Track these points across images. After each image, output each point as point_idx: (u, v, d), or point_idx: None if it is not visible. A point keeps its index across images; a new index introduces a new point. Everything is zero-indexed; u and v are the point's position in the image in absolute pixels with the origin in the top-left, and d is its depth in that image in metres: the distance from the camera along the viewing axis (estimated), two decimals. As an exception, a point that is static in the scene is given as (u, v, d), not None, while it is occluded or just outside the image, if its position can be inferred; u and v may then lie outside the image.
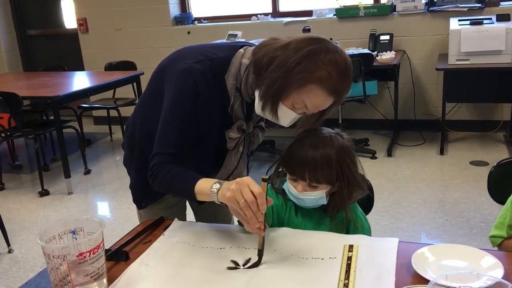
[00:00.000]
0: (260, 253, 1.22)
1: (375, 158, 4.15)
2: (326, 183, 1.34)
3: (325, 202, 1.37)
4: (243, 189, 1.16)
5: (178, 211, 1.62)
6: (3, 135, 4.03)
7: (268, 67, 1.28)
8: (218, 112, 1.41)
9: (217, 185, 1.24)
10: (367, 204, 1.64)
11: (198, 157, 1.44)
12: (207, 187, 1.25)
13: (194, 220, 1.72)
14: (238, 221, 1.31)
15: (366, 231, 1.43)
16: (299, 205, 1.41)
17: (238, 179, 1.19)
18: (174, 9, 5.34)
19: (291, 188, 1.37)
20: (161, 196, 1.60)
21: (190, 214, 1.78)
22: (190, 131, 1.38)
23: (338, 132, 1.40)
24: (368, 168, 3.94)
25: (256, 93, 1.34)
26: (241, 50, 1.39)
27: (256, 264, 1.21)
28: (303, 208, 1.42)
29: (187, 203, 1.72)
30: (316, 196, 1.35)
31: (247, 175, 1.43)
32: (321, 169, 1.32)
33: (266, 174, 1.36)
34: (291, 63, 1.24)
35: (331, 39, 1.33)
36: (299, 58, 1.24)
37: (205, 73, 1.35)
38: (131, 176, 1.63)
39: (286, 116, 1.33)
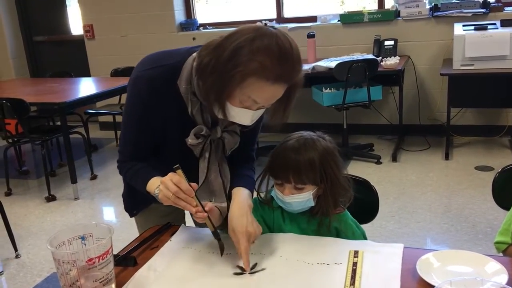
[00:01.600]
0: (215, 235, 1.29)
1: (380, 163, 4.15)
2: (311, 183, 1.36)
3: (312, 204, 1.38)
4: (166, 184, 1.25)
5: (175, 218, 1.59)
6: (10, 141, 4.06)
7: (206, 69, 1.24)
8: (174, 118, 1.39)
9: (158, 191, 1.32)
10: (372, 209, 1.65)
11: (165, 162, 1.42)
12: (152, 190, 1.36)
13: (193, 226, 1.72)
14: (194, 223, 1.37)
15: (359, 237, 1.43)
16: (287, 210, 1.42)
17: (162, 179, 1.28)
18: (179, 15, 5.38)
19: (278, 193, 1.38)
20: (149, 204, 1.58)
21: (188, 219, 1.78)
22: (144, 137, 1.43)
23: (320, 135, 1.41)
24: (373, 173, 3.95)
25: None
26: (194, 54, 1.34)
27: (222, 248, 1.29)
28: (290, 215, 1.43)
29: (186, 212, 1.72)
30: (303, 199, 1.36)
31: (225, 183, 1.46)
32: (305, 171, 1.33)
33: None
34: (223, 62, 1.19)
35: (273, 27, 1.24)
36: (228, 56, 1.18)
37: (153, 80, 1.34)
38: (124, 185, 1.65)
39: (242, 115, 1.28)
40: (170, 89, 1.35)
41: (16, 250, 3.05)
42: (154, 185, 1.35)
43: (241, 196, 1.39)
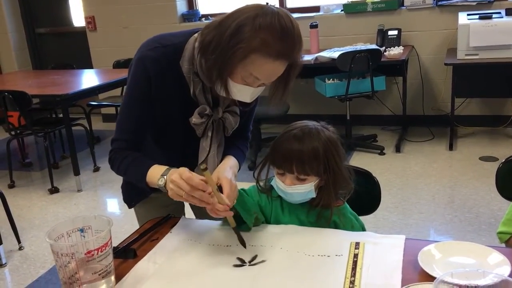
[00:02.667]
0: (236, 231, 1.27)
1: (384, 154, 4.14)
2: (314, 175, 1.33)
3: (314, 195, 1.36)
4: (178, 183, 1.22)
5: (175, 209, 1.59)
6: (13, 133, 4.06)
7: (209, 47, 1.25)
8: (177, 99, 1.40)
9: (162, 180, 1.29)
10: (374, 201, 1.63)
11: (166, 146, 1.47)
12: (154, 181, 1.31)
13: (194, 217, 1.72)
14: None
15: (358, 230, 1.40)
16: (287, 200, 1.40)
17: (171, 177, 1.25)
18: (181, 6, 5.35)
19: (279, 183, 1.35)
20: (147, 194, 1.57)
21: (188, 210, 1.78)
22: (146, 118, 1.41)
23: (323, 125, 1.39)
24: (377, 164, 3.93)
25: None
26: (196, 34, 1.36)
27: (243, 243, 1.26)
28: (289, 206, 1.42)
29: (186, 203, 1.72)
30: (305, 190, 1.34)
31: (220, 162, 1.47)
32: (309, 161, 1.31)
33: (254, 173, 1.43)
34: (225, 40, 1.21)
35: (274, 5, 1.27)
36: (231, 32, 1.21)
37: (158, 60, 1.35)
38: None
39: (243, 92, 1.31)
40: (173, 69, 1.36)
41: (19, 242, 3.06)
42: (157, 173, 1.31)
43: (229, 162, 1.45)
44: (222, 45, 1.22)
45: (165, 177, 1.29)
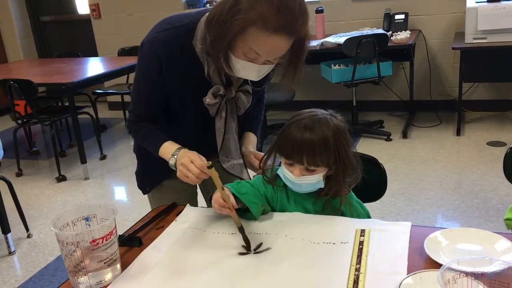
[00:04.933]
0: (241, 230, 1.26)
1: (390, 140, 4.11)
2: (324, 166, 1.30)
3: (322, 185, 1.33)
4: (188, 167, 1.30)
5: (188, 196, 1.63)
6: (19, 121, 4.08)
7: (212, 22, 1.26)
8: (191, 79, 1.41)
9: (173, 160, 1.37)
10: (380, 187, 1.62)
11: (182, 126, 1.50)
12: (166, 158, 1.40)
13: (205, 205, 1.73)
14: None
15: (363, 218, 1.39)
16: (295, 190, 1.37)
17: (181, 160, 1.32)
18: (186, -8, 5.30)
19: (287, 173, 1.32)
20: (162, 180, 1.62)
21: (201, 198, 1.79)
22: (158, 98, 1.44)
23: (332, 113, 1.35)
24: (383, 150, 3.92)
25: None
26: (207, 14, 1.36)
27: (248, 245, 1.24)
28: (295, 196, 1.40)
29: (198, 189, 1.73)
30: (313, 180, 1.31)
31: (239, 143, 1.55)
32: (319, 152, 1.27)
33: (260, 163, 1.44)
34: (224, 12, 1.22)
35: None
36: (230, 5, 1.21)
37: (168, 42, 1.36)
38: (137, 162, 1.68)
39: (247, 69, 1.30)
40: (185, 50, 1.36)
41: (27, 230, 3.09)
42: (168, 152, 1.40)
43: (249, 140, 1.61)
44: (221, 18, 1.22)
45: (175, 156, 1.37)
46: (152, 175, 1.63)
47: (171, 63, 1.37)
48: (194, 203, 1.68)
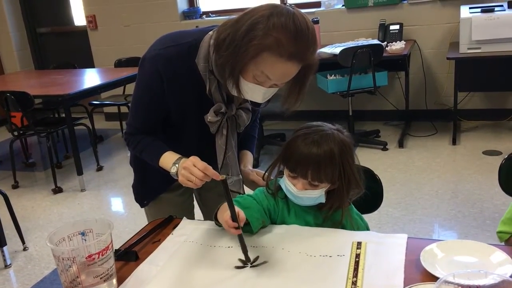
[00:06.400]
0: (241, 239, 1.24)
1: (386, 149, 4.12)
2: (328, 182, 1.30)
3: (323, 200, 1.33)
4: (191, 170, 1.30)
5: (185, 209, 1.63)
6: (16, 133, 4.07)
7: (224, 44, 1.27)
8: (192, 96, 1.42)
9: (174, 169, 1.38)
10: (376, 199, 1.62)
11: (183, 143, 1.50)
12: (167, 167, 1.40)
13: (202, 218, 1.73)
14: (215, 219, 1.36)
15: (363, 230, 1.39)
16: (296, 203, 1.37)
17: (183, 164, 1.33)
18: (182, 4, 5.33)
19: (290, 185, 1.32)
20: (160, 193, 1.62)
21: (198, 211, 1.79)
22: (157, 115, 1.46)
23: (338, 129, 1.36)
24: (379, 159, 3.93)
25: None
26: (210, 32, 1.37)
27: (250, 261, 1.22)
28: (295, 209, 1.39)
29: (195, 202, 1.74)
30: (315, 195, 1.31)
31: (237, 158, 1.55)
32: (324, 167, 1.27)
33: (264, 176, 1.45)
34: (239, 36, 1.22)
35: (290, 5, 1.28)
36: (245, 30, 1.22)
37: (170, 59, 1.36)
38: (134, 175, 1.68)
39: (255, 91, 1.31)
40: (187, 67, 1.37)
41: (23, 242, 3.07)
42: (169, 161, 1.40)
43: (247, 159, 1.64)
44: (236, 42, 1.23)
45: (177, 165, 1.37)
46: (149, 188, 1.64)
47: (172, 81, 1.38)
48: (191, 216, 1.68)
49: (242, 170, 1.60)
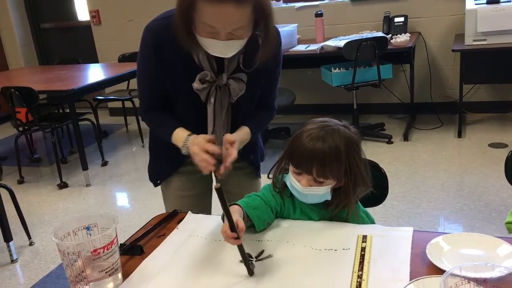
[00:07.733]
0: (245, 262, 1.16)
1: (391, 142, 4.11)
2: (334, 178, 1.28)
3: (329, 198, 1.31)
4: (201, 156, 1.37)
5: (204, 185, 1.69)
6: (21, 129, 4.08)
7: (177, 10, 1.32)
8: (182, 67, 1.45)
9: (185, 150, 1.45)
10: (381, 192, 1.61)
11: (180, 114, 1.54)
12: (179, 146, 1.47)
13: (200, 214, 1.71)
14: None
15: None
16: (301, 200, 1.34)
17: (193, 149, 1.39)
18: (185, -2, 5.31)
19: (295, 182, 1.30)
20: (173, 172, 1.66)
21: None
22: (157, 86, 1.50)
23: (345, 125, 1.33)
24: (385, 153, 3.91)
25: None
26: None
27: (251, 271, 1.16)
28: (301, 205, 1.38)
29: (213, 191, 1.73)
30: (320, 192, 1.29)
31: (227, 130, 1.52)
32: (330, 163, 1.24)
33: (269, 173, 1.41)
34: None
35: None
36: None
37: (156, 31, 1.43)
38: (149, 155, 1.73)
39: (214, 46, 1.32)
40: (174, 39, 1.38)
41: (29, 237, 3.08)
42: (179, 140, 1.46)
43: (241, 132, 1.55)
44: (179, 1, 1.29)
45: (186, 145, 1.44)
46: (163, 166, 1.68)
47: (159, 51, 1.43)
48: (208, 202, 1.74)
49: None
